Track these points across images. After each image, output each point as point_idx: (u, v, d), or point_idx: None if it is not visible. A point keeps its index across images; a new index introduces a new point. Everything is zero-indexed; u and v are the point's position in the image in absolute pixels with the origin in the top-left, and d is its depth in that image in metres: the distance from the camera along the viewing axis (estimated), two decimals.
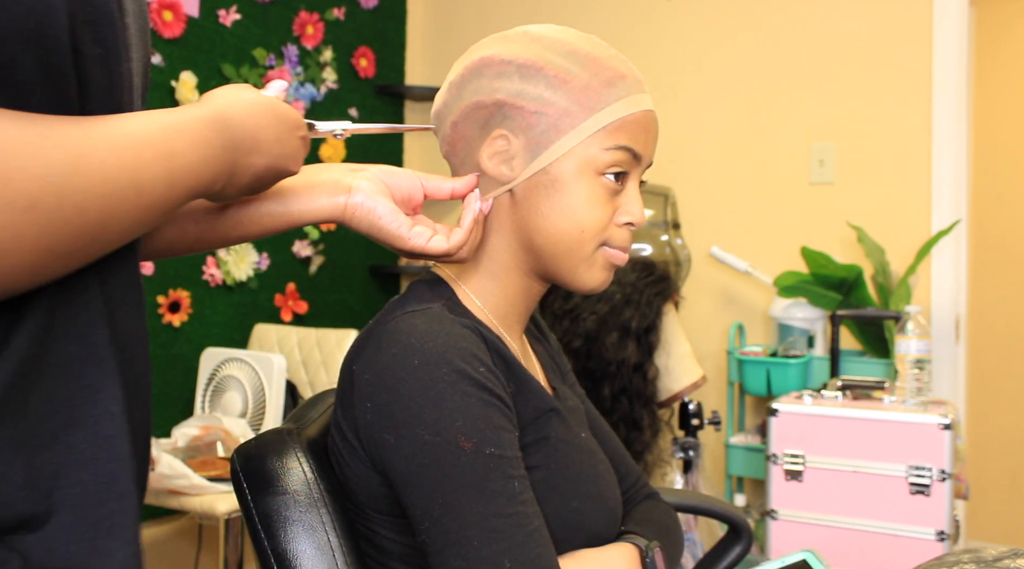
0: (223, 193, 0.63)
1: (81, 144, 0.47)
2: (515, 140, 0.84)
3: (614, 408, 2.18)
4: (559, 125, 0.83)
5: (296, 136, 0.69)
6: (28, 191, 0.43)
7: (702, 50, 2.91)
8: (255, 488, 0.84)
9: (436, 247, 0.78)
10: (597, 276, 0.87)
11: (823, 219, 2.69)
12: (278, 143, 0.66)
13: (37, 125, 0.46)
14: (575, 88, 0.83)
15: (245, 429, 2.23)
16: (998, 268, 3.49)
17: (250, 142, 0.62)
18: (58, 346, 0.51)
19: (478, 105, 0.85)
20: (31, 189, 0.43)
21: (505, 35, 0.89)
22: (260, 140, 0.63)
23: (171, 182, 0.53)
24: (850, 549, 1.92)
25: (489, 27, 3.21)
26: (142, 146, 0.51)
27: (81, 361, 0.52)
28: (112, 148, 0.49)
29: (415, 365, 0.75)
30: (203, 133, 0.57)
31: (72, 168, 0.45)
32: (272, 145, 0.65)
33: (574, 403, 0.99)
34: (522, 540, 0.74)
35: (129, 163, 0.49)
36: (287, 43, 2.93)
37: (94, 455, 0.52)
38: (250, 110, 0.63)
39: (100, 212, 0.47)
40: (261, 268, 2.85)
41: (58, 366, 0.51)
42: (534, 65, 0.84)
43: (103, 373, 0.53)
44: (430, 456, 0.74)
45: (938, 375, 2.53)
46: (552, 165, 0.83)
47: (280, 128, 0.66)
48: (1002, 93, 3.50)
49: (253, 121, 0.63)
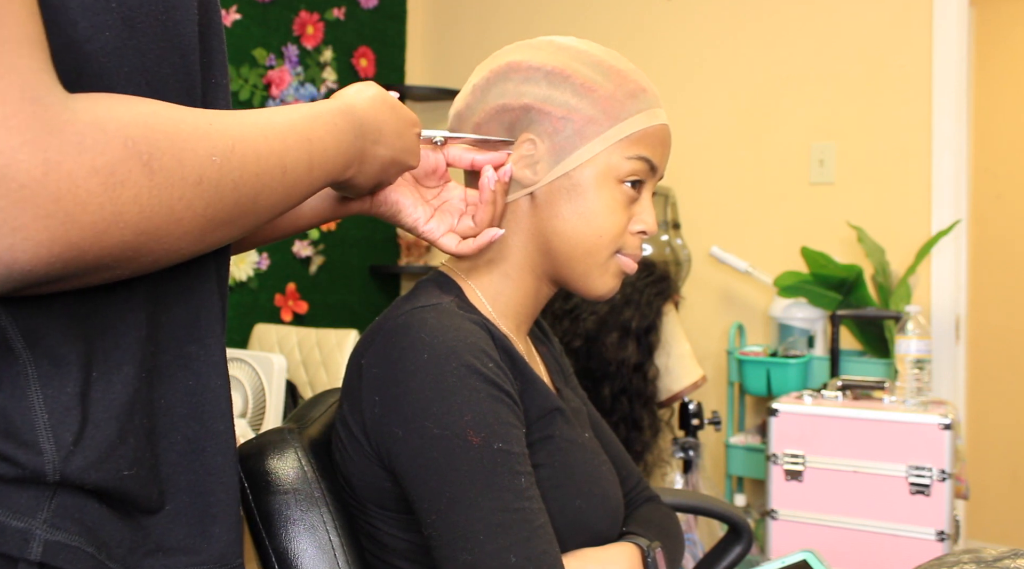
0: (354, 181, 0.70)
1: (238, 130, 0.54)
2: (541, 144, 0.86)
3: (614, 408, 2.18)
4: (584, 132, 0.85)
5: (413, 132, 0.76)
6: (198, 168, 0.50)
7: (702, 50, 2.91)
8: (256, 488, 0.85)
9: (445, 244, 0.83)
10: (608, 283, 0.89)
11: (823, 219, 2.70)
12: (399, 137, 0.73)
13: (203, 113, 0.53)
14: (600, 97, 0.85)
15: (245, 429, 2.23)
16: (998, 268, 3.49)
17: (375, 133, 0.69)
18: (180, 346, 0.59)
19: (504, 108, 0.87)
20: (200, 167, 0.50)
21: (531, 43, 0.91)
22: (384, 132, 0.71)
23: (311, 164, 0.60)
24: (850, 549, 1.92)
25: (489, 27, 3.22)
26: (287, 132, 0.58)
27: (200, 361, 0.60)
28: (262, 133, 0.56)
29: (424, 359, 0.76)
30: (336, 121, 0.64)
31: (231, 149, 0.53)
32: (394, 138, 0.72)
33: (577, 405, 0.99)
34: (528, 536, 0.74)
35: (276, 147, 0.57)
36: (287, 43, 2.93)
37: (204, 447, 0.59)
38: (372, 103, 0.70)
39: (253, 188, 0.55)
40: (261, 268, 2.85)
41: (180, 365, 0.59)
42: (562, 72, 0.86)
43: (217, 374, 0.61)
44: (438, 450, 0.74)
45: (938, 375, 2.53)
46: (574, 171, 0.85)
47: (399, 123, 0.73)
48: (1002, 93, 3.50)
49: (376, 113, 0.70)
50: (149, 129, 0.48)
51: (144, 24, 0.53)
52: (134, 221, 0.47)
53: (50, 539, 0.50)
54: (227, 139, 0.53)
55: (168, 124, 0.50)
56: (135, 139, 0.47)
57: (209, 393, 0.60)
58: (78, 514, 0.52)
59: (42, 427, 0.50)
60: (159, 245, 0.50)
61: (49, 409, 0.50)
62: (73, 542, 0.51)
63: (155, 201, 0.48)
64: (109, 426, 0.53)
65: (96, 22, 0.50)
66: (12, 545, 0.49)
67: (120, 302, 0.55)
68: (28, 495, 0.50)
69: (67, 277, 0.47)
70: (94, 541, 0.52)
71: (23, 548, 0.49)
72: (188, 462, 0.59)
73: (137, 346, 0.55)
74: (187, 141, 0.50)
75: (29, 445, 0.49)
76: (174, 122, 0.50)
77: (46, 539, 0.50)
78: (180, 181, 0.49)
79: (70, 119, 0.45)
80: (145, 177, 0.47)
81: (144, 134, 0.48)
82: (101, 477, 0.52)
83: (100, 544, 0.53)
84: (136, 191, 0.47)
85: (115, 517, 0.54)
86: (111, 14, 0.51)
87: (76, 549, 0.51)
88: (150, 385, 0.56)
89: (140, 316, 0.56)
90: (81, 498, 0.52)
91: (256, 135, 0.55)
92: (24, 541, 0.49)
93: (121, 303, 0.55)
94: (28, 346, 0.50)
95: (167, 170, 0.49)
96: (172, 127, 0.50)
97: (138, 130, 0.48)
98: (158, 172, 0.48)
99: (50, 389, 0.50)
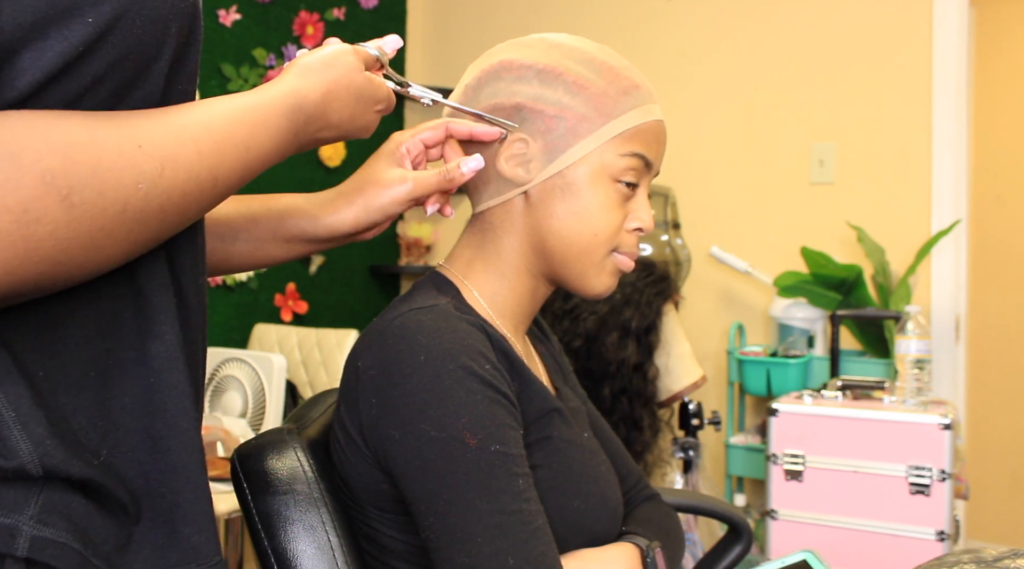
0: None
1: (171, 148, 0.52)
2: (533, 143, 0.86)
3: (614, 408, 2.18)
4: (577, 130, 0.84)
5: (372, 110, 0.74)
6: (121, 199, 0.48)
7: (702, 50, 2.91)
8: (255, 488, 0.84)
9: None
10: (605, 281, 0.89)
11: (823, 219, 2.70)
12: (351, 119, 0.71)
13: (132, 130, 0.50)
14: (593, 95, 0.85)
15: (245, 429, 2.23)
16: (998, 268, 3.49)
17: (320, 122, 0.67)
18: (137, 344, 0.57)
19: (496, 107, 0.87)
20: (124, 197, 0.49)
21: (522, 41, 0.90)
22: (331, 121, 0.68)
23: (244, 171, 0.58)
24: (850, 549, 1.92)
25: (489, 27, 3.22)
26: (224, 142, 0.56)
27: (159, 358, 0.57)
28: (197, 147, 0.53)
29: (421, 361, 0.76)
30: (280, 123, 0.61)
31: (159, 174, 0.51)
32: (344, 121, 0.70)
33: (576, 404, 0.99)
34: (526, 537, 0.74)
35: (210, 162, 0.54)
36: (287, 43, 2.93)
37: (168, 446, 0.58)
38: (326, 94, 0.67)
39: (180, 206, 0.53)
40: (261, 268, 2.85)
41: (137, 362, 0.57)
42: (553, 70, 0.85)
43: (177, 369, 0.58)
44: (435, 452, 0.74)
45: (938, 375, 2.53)
46: (568, 169, 0.85)
47: (357, 106, 0.71)
48: (1002, 93, 3.50)
49: (328, 104, 0.67)
50: (69, 161, 0.46)
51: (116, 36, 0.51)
52: (50, 255, 0.46)
53: (37, 535, 0.50)
54: (155, 162, 0.51)
55: (90, 153, 0.47)
56: (53, 173, 0.45)
57: (170, 389, 0.58)
58: (65, 510, 0.52)
59: (12, 423, 0.49)
60: (79, 270, 0.49)
61: (14, 406, 0.49)
62: (60, 538, 0.51)
63: (73, 234, 0.47)
64: (67, 424, 0.52)
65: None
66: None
67: (68, 302, 0.54)
68: (16, 492, 0.50)
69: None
70: (81, 538, 0.52)
71: (10, 544, 0.49)
72: (153, 461, 0.57)
73: (85, 345, 0.54)
74: (110, 171, 0.48)
75: (4, 440, 0.49)
76: (96, 150, 0.48)
77: (33, 535, 0.50)
78: (101, 213, 0.48)
79: None
80: (63, 212, 0.46)
81: (63, 167, 0.46)
82: (82, 466, 0.52)
83: (87, 541, 0.53)
84: (53, 227, 0.45)
85: (101, 515, 0.54)
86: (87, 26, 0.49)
87: (63, 545, 0.51)
88: (104, 384, 0.55)
89: (88, 314, 0.54)
90: (68, 495, 0.52)
91: (190, 153, 0.53)
92: (11, 536, 0.49)
93: (69, 303, 0.54)
94: None
95: (88, 203, 0.47)
96: (94, 157, 0.47)
97: (56, 162, 0.46)
98: (77, 205, 0.46)
99: (9, 386, 0.49)
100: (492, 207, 0.89)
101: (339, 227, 0.84)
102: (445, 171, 0.83)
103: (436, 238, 3.38)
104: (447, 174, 0.83)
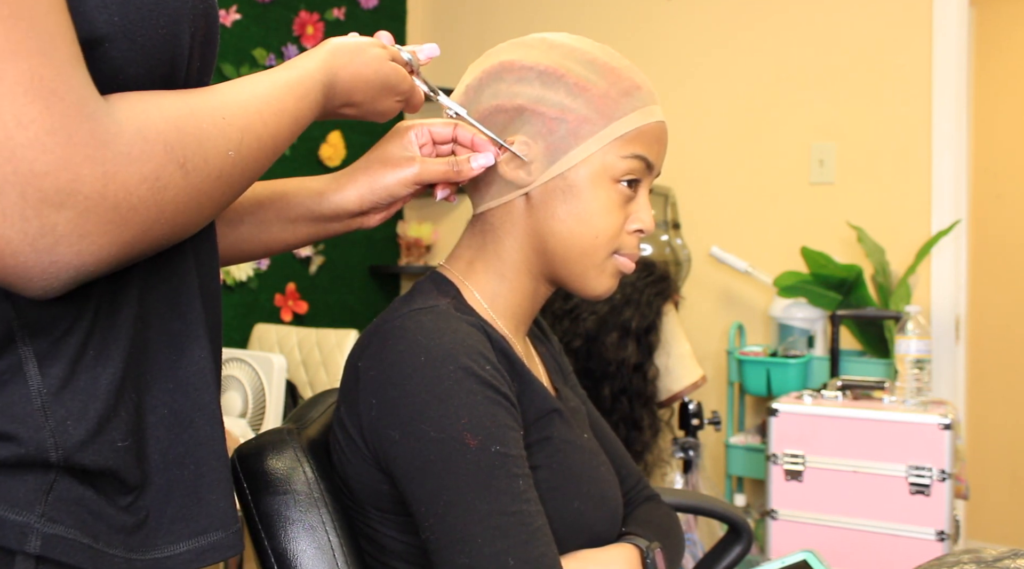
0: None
1: (244, 118, 0.58)
2: (535, 145, 0.85)
3: (614, 408, 2.18)
4: (578, 132, 0.84)
5: (393, 98, 0.78)
6: (219, 165, 0.55)
7: (702, 50, 2.91)
8: (255, 488, 0.84)
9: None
10: (605, 283, 0.89)
11: (823, 219, 2.70)
12: (372, 101, 0.76)
13: (215, 103, 0.57)
14: (594, 96, 0.84)
15: (245, 429, 2.23)
16: (998, 268, 3.49)
17: (344, 98, 0.73)
18: (163, 323, 0.61)
19: (497, 109, 0.86)
20: (220, 163, 0.56)
21: (523, 41, 0.90)
22: (355, 100, 0.74)
23: (291, 138, 0.65)
24: (850, 549, 1.92)
25: (489, 27, 3.22)
26: (281, 112, 0.62)
27: (183, 336, 0.62)
28: (261, 117, 0.60)
29: (421, 362, 0.76)
30: (316, 96, 0.68)
31: (240, 142, 0.57)
32: (366, 102, 0.75)
33: (576, 404, 0.99)
34: (526, 538, 0.74)
35: (272, 129, 0.61)
36: (287, 43, 2.93)
37: (192, 419, 0.62)
38: (355, 75, 0.72)
39: (253, 170, 0.60)
40: (261, 268, 2.85)
41: (164, 342, 0.61)
42: (555, 72, 0.85)
43: (199, 347, 0.63)
44: (435, 453, 0.74)
45: (938, 375, 2.53)
46: (569, 171, 0.85)
47: (381, 93, 0.76)
48: (1002, 93, 3.50)
49: (355, 85, 0.73)
50: (181, 133, 0.53)
51: (143, 37, 0.55)
52: (172, 217, 0.53)
53: (48, 532, 0.52)
54: (237, 132, 0.57)
55: (194, 124, 0.54)
56: (171, 145, 0.52)
57: (193, 366, 0.62)
58: (74, 506, 0.54)
59: (40, 405, 0.52)
60: (184, 230, 0.56)
61: (47, 386, 0.53)
62: (70, 535, 0.53)
63: (188, 198, 0.54)
64: (104, 399, 0.55)
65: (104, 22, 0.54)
66: (11, 539, 0.50)
67: (117, 284, 0.57)
68: (26, 488, 0.52)
69: (114, 268, 0.52)
70: (90, 532, 0.54)
71: (22, 541, 0.51)
72: (177, 434, 0.61)
73: (130, 324, 0.58)
74: (210, 140, 0.55)
75: (28, 422, 0.52)
76: (197, 122, 0.54)
77: (44, 532, 0.52)
78: (206, 178, 0.55)
79: (118, 132, 0.49)
80: (182, 178, 0.53)
81: (178, 138, 0.52)
82: (98, 450, 0.54)
83: (96, 534, 0.54)
84: (175, 192, 0.52)
85: (108, 504, 0.56)
86: (114, 27, 0.54)
87: (73, 541, 0.53)
88: (138, 361, 0.59)
89: (133, 294, 0.59)
90: (77, 488, 0.54)
91: (257, 123, 0.59)
92: (23, 535, 0.51)
93: (118, 285, 0.58)
94: (29, 333, 0.52)
95: (198, 170, 0.54)
96: (198, 128, 0.54)
97: (173, 135, 0.52)
98: (191, 172, 0.53)
99: (47, 367, 0.53)
100: (493, 208, 0.89)
101: (344, 204, 0.85)
102: (454, 162, 0.84)
103: (436, 238, 3.38)
104: (456, 165, 0.84)
